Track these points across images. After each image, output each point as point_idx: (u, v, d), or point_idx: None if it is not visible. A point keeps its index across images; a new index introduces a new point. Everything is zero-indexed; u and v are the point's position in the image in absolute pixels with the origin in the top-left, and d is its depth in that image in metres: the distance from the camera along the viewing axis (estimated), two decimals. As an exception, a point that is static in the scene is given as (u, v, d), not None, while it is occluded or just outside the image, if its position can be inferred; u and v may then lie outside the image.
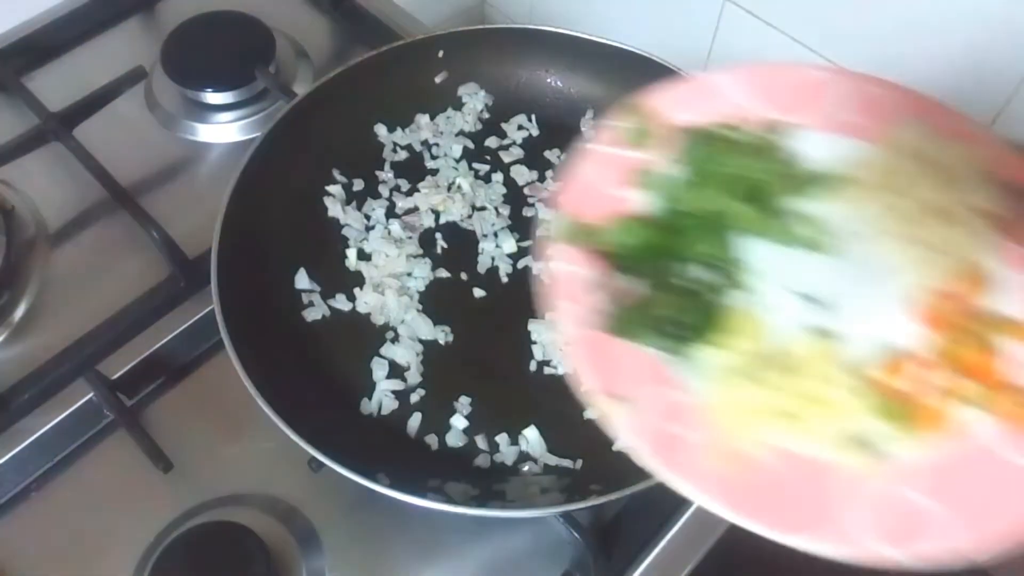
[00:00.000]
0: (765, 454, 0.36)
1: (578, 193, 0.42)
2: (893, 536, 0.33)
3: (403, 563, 0.60)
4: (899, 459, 0.35)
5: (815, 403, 0.37)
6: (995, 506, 0.33)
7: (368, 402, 0.63)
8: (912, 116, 0.41)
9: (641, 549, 0.60)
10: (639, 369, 0.38)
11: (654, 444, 0.36)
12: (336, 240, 0.71)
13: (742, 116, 0.44)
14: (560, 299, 0.39)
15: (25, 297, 0.70)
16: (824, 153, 0.42)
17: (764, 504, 0.34)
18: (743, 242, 0.42)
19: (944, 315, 0.38)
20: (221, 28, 0.85)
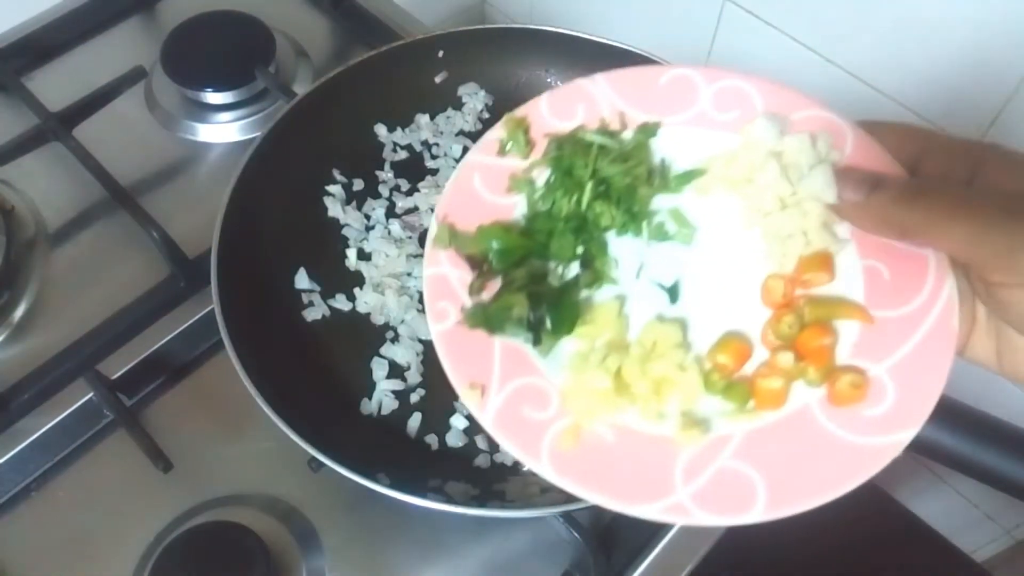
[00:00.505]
0: (609, 433, 0.39)
1: (457, 201, 0.45)
2: (718, 504, 0.36)
3: (403, 563, 0.60)
4: (730, 432, 0.39)
5: (664, 385, 0.40)
6: (804, 470, 0.37)
7: (368, 402, 0.63)
8: (768, 108, 0.44)
9: (641, 549, 0.60)
10: (503, 359, 0.41)
11: (508, 426, 0.39)
12: (336, 240, 0.71)
13: (615, 118, 0.46)
14: (433, 299, 0.42)
15: (25, 297, 0.70)
16: (688, 150, 0.45)
17: (607, 479, 0.38)
18: (608, 240, 0.44)
19: (788, 300, 0.41)
20: (221, 28, 0.85)
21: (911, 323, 0.38)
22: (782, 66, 0.91)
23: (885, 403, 0.37)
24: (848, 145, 0.42)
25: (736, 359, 0.40)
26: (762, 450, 0.38)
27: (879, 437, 0.37)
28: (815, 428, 0.38)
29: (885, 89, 0.84)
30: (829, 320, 0.40)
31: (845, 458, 0.37)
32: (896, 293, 0.39)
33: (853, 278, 0.40)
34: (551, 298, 0.42)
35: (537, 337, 0.41)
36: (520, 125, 0.46)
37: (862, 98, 0.86)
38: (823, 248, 0.41)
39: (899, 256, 0.40)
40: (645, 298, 0.43)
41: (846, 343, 0.39)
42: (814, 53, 0.88)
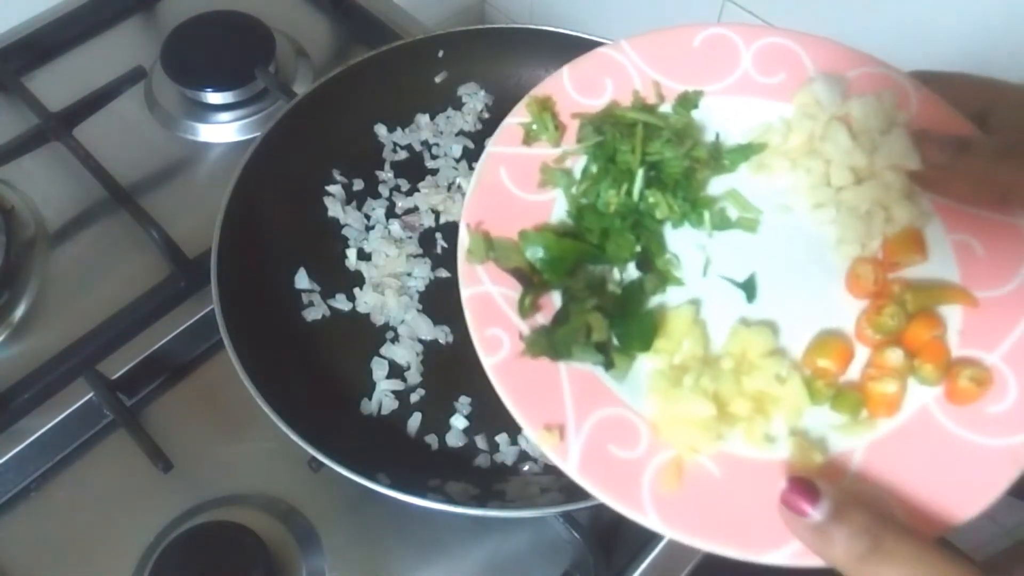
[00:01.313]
0: (713, 466, 0.34)
1: (486, 203, 0.38)
2: None
3: (403, 563, 0.60)
4: (848, 448, 0.34)
5: (766, 402, 0.35)
6: (937, 483, 0.32)
7: (368, 402, 0.63)
8: (819, 67, 0.39)
9: (641, 549, 0.60)
10: (574, 390, 0.35)
11: (598, 472, 0.33)
12: (336, 240, 0.71)
13: (649, 90, 0.41)
14: (480, 326, 0.36)
15: (25, 297, 0.70)
16: (735, 121, 0.40)
17: (725, 522, 0.33)
18: (665, 233, 0.39)
19: (881, 287, 0.36)
20: (221, 28, 0.85)
21: (1017, 302, 0.34)
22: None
23: (1009, 396, 0.33)
24: (913, 104, 0.37)
25: (839, 361, 0.35)
26: (887, 466, 0.33)
27: (1012, 436, 0.32)
28: (941, 433, 0.33)
29: (885, 89, 0.84)
30: (934, 307, 0.35)
31: (978, 463, 0.32)
32: (994, 270, 0.34)
33: (944, 256, 0.36)
34: (618, 310, 0.36)
35: (609, 359, 0.35)
36: (545, 106, 0.40)
37: (862, 98, 0.86)
38: (909, 223, 0.36)
39: (989, 228, 0.35)
40: (718, 299, 0.38)
41: (951, 332, 0.35)
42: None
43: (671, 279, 0.38)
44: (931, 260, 0.36)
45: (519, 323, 0.36)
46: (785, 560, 0.31)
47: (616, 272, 0.38)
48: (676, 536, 0.32)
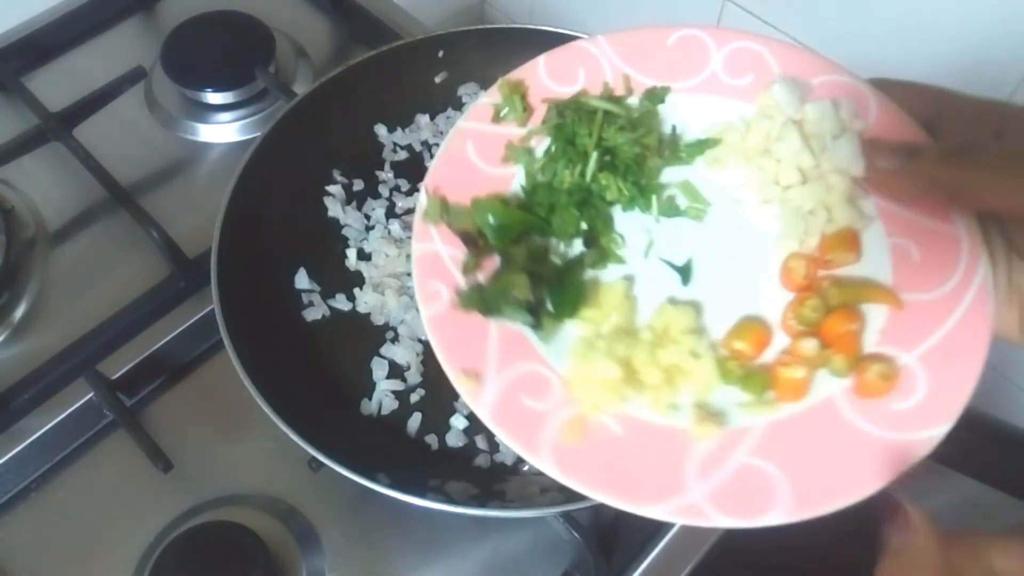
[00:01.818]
0: (617, 425, 0.36)
1: (448, 172, 0.41)
2: (736, 504, 0.34)
3: (403, 563, 0.60)
4: (748, 425, 0.36)
5: (676, 374, 0.37)
6: (829, 468, 0.34)
7: (368, 402, 0.63)
8: (785, 72, 0.40)
9: (641, 549, 0.60)
10: (501, 345, 0.38)
11: (507, 418, 0.36)
12: (336, 240, 0.71)
13: (619, 82, 0.43)
14: (423, 279, 0.39)
15: (25, 297, 0.70)
16: (699, 118, 0.42)
17: (614, 475, 0.35)
18: (614, 215, 0.41)
19: (811, 282, 0.38)
20: (221, 28, 0.85)
21: (943, 308, 0.35)
22: (782, 66, 0.91)
23: (916, 395, 0.34)
24: (872, 112, 0.38)
25: (755, 345, 0.37)
26: (784, 446, 0.35)
27: (909, 433, 0.33)
28: (840, 422, 0.35)
29: (885, 89, 0.84)
30: (856, 304, 0.37)
31: (872, 455, 0.33)
32: (926, 275, 0.36)
33: (880, 258, 0.37)
34: (553, 278, 0.39)
35: (538, 320, 0.38)
36: (516, 89, 0.42)
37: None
38: (848, 225, 0.38)
39: (928, 235, 0.36)
40: (655, 279, 0.40)
41: (873, 330, 0.36)
42: (814, 53, 0.88)
43: (612, 256, 0.41)
44: (866, 261, 0.38)
45: (461, 281, 0.39)
46: (664, 515, 0.34)
47: (562, 246, 0.41)
48: (569, 483, 0.35)
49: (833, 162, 0.38)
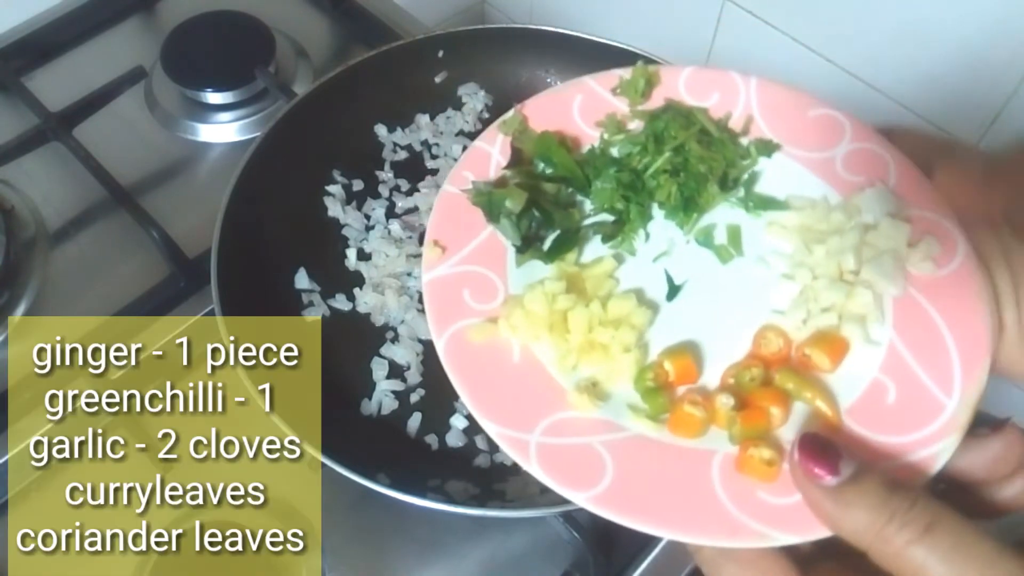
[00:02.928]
0: (518, 353, 0.38)
1: (549, 106, 0.44)
2: (560, 468, 0.35)
3: (403, 563, 0.60)
4: (622, 425, 0.37)
5: (596, 351, 0.38)
6: (658, 492, 0.34)
7: (368, 402, 0.63)
8: (895, 186, 0.40)
9: (641, 549, 0.60)
10: (480, 244, 0.41)
11: (439, 294, 0.39)
12: (336, 240, 0.71)
13: (740, 121, 0.44)
14: (464, 165, 0.43)
15: (25, 297, 0.70)
16: (789, 182, 0.43)
17: (483, 380, 0.37)
18: (653, 214, 0.43)
19: (773, 360, 0.38)
20: (221, 28, 0.85)
21: (880, 456, 0.34)
22: (782, 66, 0.91)
23: (786, 499, 0.33)
24: (957, 255, 0.38)
25: (679, 375, 0.38)
26: (637, 453, 0.35)
27: (756, 523, 0.33)
28: (696, 473, 0.35)
29: (885, 89, 0.84)
30: (794, 397, 0.36)
31: (703, 513, 0.33)
32: (889, 421, 0.35)
33: (852, 383, 0.37)
34: (559, 221, 0.42)
35: (524, 247, 0.41)
36: (648, 77, 0.44)
37: (862, 98, 0.86)
38: (845, 339, 0.38)
39: (916, 388, 0.36)
40: (644, 280, 0.41)
41: (791, 427, 0.36)
42: (814, 53, 0.88)
43: (627, 242, 0.42)
44: (837, 377, 0.37)
45: (487, 178, 0.43)
46: (494, 433, 0.36)
47: (588, 208, 0.43)
48: (444, 361, 0.38)
49: (872, 273, 0.38)
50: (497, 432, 0.36)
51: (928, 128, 0.81)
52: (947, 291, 0.37)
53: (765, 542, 0.32)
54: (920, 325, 0.37)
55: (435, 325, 0.39)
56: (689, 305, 0.41)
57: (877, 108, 0.85)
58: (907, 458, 0.34)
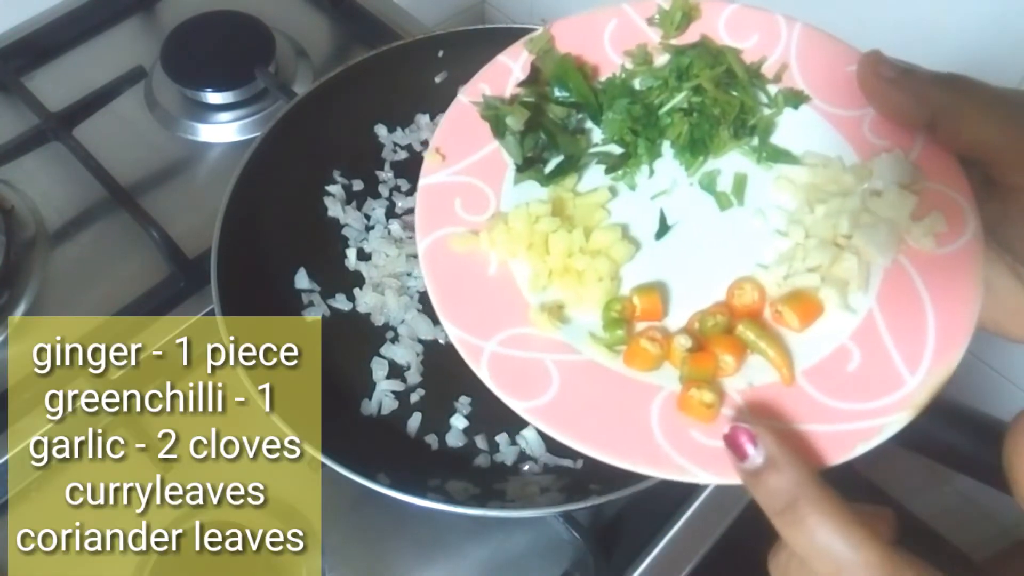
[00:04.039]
0: (494, 267, 0.39)
1: (579, 29, 0.44)
2: (509, 379, 0.36)
3: (403, 563, 0.60)
4: (577, 348, 0.38)
5: (569, 275, 0.39)
6: (597, 415, 0.35)
7: (368, 402, 0.63)
8: (908, 153, 0.39)
9: (641, 549, 0.60)
10: (482, 157, 0.42)
11: (431, 200, 0.41)
12: (336, 240, 0.71)
13: (775, 67, 0.43)
14: (481, 77, 0.43)
15: (25, 297, 0.70)
16: (810, 137, 0.42)
17: (455, 289, 0.39)
18: (663, 152, 0.43)
19: (742, 311, 0.38)
20: (221, 28, 0.85)
21: (826, 418, 0.34)
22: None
23: (716, 442, 0.34)
24: (968, 229, 0.38)
25: (645, 311, 0.38)
26: (583, 376, 0.36)
27: (680, 457, 0.34)
28: (642, 402, 0.36)
29: (885, 89, 0.84)
30: (751, 348, 0.37)
31: (633, 439, 0.35)
32: (845, 387, 0.35)
33: (819, 344, 0.37)
34: (555, 140, 0.41)
35: (524, 166, 0.41)
36: (687, 9, 0.43)
37: (862, 98, 0.86)
38: (820, 302, 0.37)
39: (880, 362, 0.35)
40: (636, 215, 0.41)
41: (742, 378, 0.36)
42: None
43: (628, 175, 0.42)
44: (802, 337, 0.37)
45: (502, 91, 0.43)
46: (452, 334, 0.37)
47: (597, 138, 0.43)
48: (422, 262, 0.39)
49: (863, 240, 0.37)
50: (456, 335, 0.37)
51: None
52: (944, 270, 0.36)
53: (684, 476, 0.34)
54: (905, 300, 0.37)
55: (421, 228, 0.40)
56: (675, 247, 0.41)
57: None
58: (852, 424, 0.34)
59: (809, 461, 0.33)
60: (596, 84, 0.43)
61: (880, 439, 0.34)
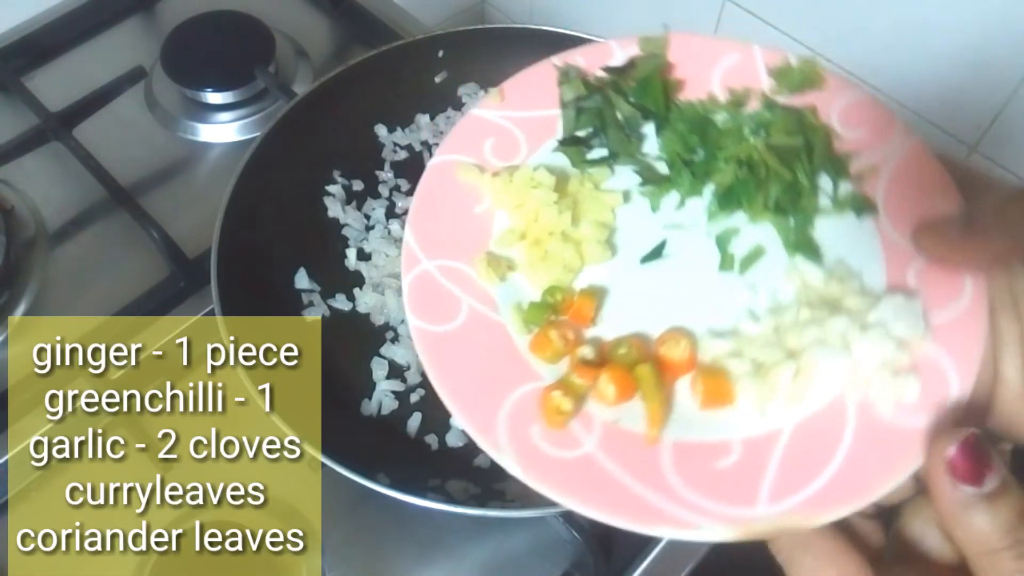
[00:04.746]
0: (482, 212, 0.40)
1: (693, 50, 0.43)
2: (422, 307, 0.37)
3: (403, 563, 0.60)
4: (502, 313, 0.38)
5: (538, 247, 0.40)
6: (471, 373, 0.36)
7: (368, 402, 0.63)
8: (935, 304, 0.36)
9: (641, 549, 0.60)
10: (539, 120, 0.42)
11: (469, 130, 0.42)
12: (336, 240, 0.71)
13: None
14: (580, 52, 0.43)
15: (25, 297, 0.70)
16: (850, 241, 0.39)
17: (432, 215, 0.39)
18: (707, 193, 0.41)
19: (662, 354, 0.36)
20: (221, 28, 0.85)
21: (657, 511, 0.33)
22: (782, 66, 0.91)
23: (547, 447, 0.34)
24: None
25: (576, 311, 0.38)
26: (484, 331, 0.37)
27: (509, 443, 0.35)
28: (510, 378, 0.36)
29: (885, 89, 0.84)
30: (640, 391, 0.35)
31: (477, 401, 0.35)
32: (701, 477, 0.33)
33: (710, 428, 0.35)
34: (607, 133, 0.42)
35: (570, 140, 0.42)
36: (812, 75, 0.41)
37: (862, 98, 0.86)
38: (732, 393, 0.35)
39: (751, 471, 0.33)
40: (639, 230, 0.40)
41: (621, 419, 0.35)
42: (814, 53, 0.88)
43: (655, 199, 0.41)
44: (708, 414, 0.36)
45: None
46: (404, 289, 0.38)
47: (649, 149, 0.42)
48: (421, 181, 0.40)
49: (818, 362, 0.34)
50: (409, 240, 0.38)
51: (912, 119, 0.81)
52: (880, 443, 0.33)
53: (500, 457, 0.35)
54: (819, 440, 0.33)
55: (443, 146, 0.41)
56: (651, 276, 0.39)
57: (877, 108, 0.85)
58: (672, 507, 0.32)
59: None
60: (679, 102, 0.42)
61: (693, 536, 0.32)
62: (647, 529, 0.32)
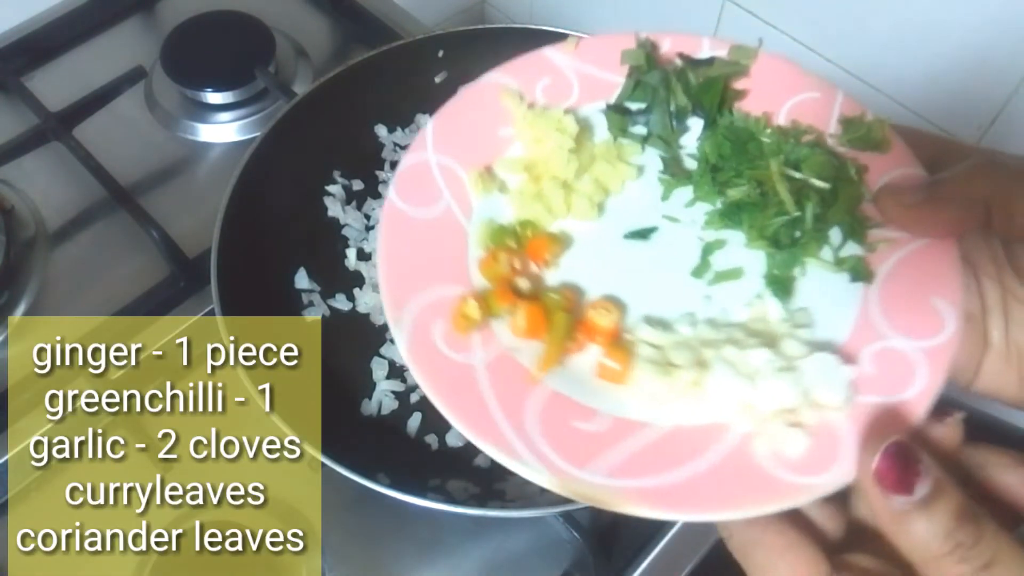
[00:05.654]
0: (499, 137, 0.42)
1: (781, 72, 0.43)
2: (409, 184, 0.39)
3: (403, 563, 0.60)
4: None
5: (536, 183, 0.41)
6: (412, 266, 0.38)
7: (368, 402, 0.63)
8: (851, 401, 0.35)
9: (641, 549, 0.60)
10: (597, 78, 0.43)
11: (532, 66, 0.43)
12: (336, 240, 0.71)
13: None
14: (672, 35, 0.44)
15: (25, 297, 0.70)
16: (830, 298, 0.38)
17: (451, 129, 0.41)
18: (736, 208, 0.40)
19: (591, 318, 0.37)
20: (221, 28, 0.85)
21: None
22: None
23: (450, 352, 0.37)
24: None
25: (532, 247, 0.39)
26: (446, 233, 0.39)
27: (402, 336, 0.38)
28: (446, 273, 0.38)
29: (885, 89, 0.84)
30: (547, 326, 0.36)
31: (400, 279, 0.38)
32: (555, 429, 0.34)
33: (591, 396, 0.35)
34: (651, 113, 0.42)
35: (617, 109, 0.43)
36: (883, 139, 0.41)
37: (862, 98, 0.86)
38: (624, 374, 0.35)
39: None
40: (635, 209, 0.41)
41: (514, 346, 0.36)
42: (814, 53, 0.88)
43: (668, 191, 0.41)
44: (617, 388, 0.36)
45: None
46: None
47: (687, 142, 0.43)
48: (437, 111, 0.42)
49: (715, 379, 0.35)
50: (425, 128, 0.41)
51: (913, 120, 0.81)
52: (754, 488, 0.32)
53: (394, 329, 0.37)
54: (695, 446, 0.33)
55: (503, 68, 0.43)
56: (624, 251, 0.40)
57: (877, 108, 0.84)
58: (509, 445, 0.35)
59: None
60: (734, 110, 0.42)
61: (516, 468, 0.34)
62: (477, 440, 0.35)
